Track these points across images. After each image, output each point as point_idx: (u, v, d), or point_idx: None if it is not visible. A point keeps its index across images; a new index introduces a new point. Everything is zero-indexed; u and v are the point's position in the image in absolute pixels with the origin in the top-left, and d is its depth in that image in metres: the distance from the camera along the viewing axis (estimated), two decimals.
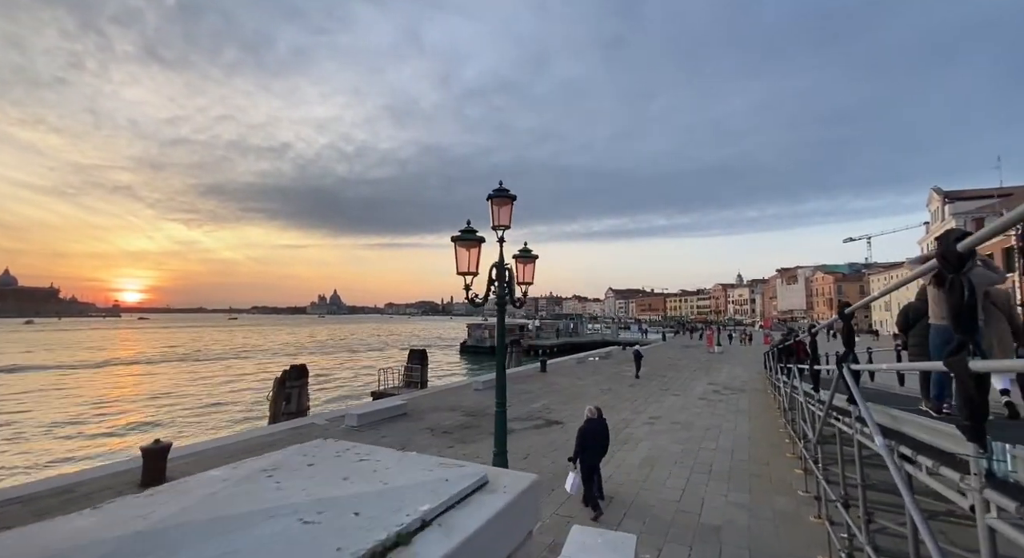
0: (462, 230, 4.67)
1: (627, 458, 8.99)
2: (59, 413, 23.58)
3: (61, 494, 6.89)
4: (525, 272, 5.73)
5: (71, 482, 7.31)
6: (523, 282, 5.71)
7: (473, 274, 4.67)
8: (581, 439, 6.52)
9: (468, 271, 4.64)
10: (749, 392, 16.67)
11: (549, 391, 16.77)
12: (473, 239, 4.65)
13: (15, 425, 20.88)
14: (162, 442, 7.49)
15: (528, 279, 5.72)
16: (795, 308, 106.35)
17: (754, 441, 10.15)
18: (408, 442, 10.11)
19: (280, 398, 13.08)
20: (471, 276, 4.68)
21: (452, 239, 4.63)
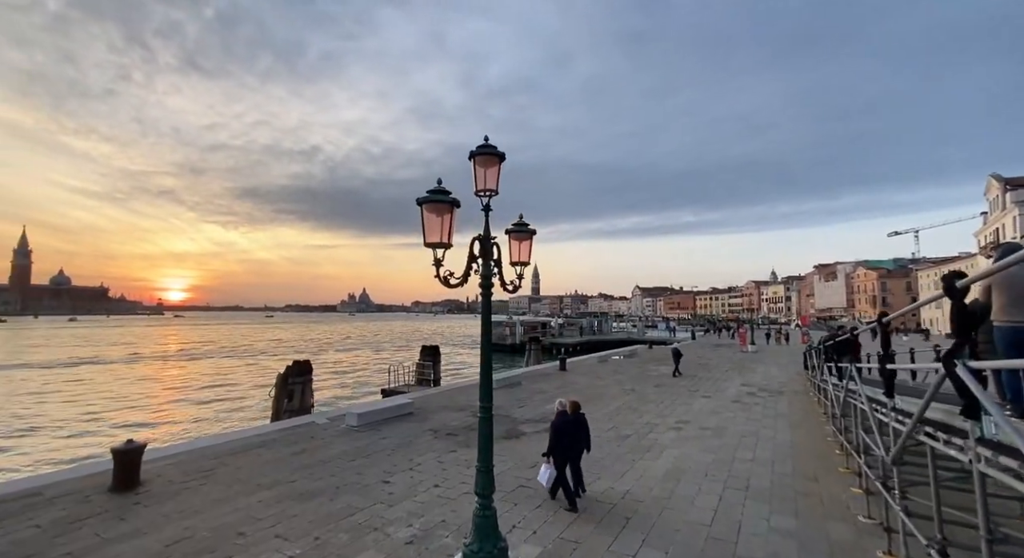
0: (430, 190, 3.72)
1: (649, 468, 7.89)
2: (71, 409, 24.10)
3: (26, 497, 6.38)
4: (520, 250, 4.76)
5: (39, 485, 6.81)
6: (518, 262, 4.73)
7: (445, 246, 3.72)
8: (553, 434, 6.39)
9: (439, 242, 3.70)
10: (788, 394, 15.16)
11: (566, 391, 15.70)
12: (445, 201, 3.68)
13: (25, 420, 21.38)
14: (135, 442, 6.90)
15: (523, 258, 4.74)
16: (834, 306, 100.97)
17: (798, 451, 8.85)
18: (408, 444, 9.32)
19: (282, 395, 12.56)
20: (442, 249, 3.73)
21: (417, 201, 3.68)
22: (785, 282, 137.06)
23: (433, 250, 3.74)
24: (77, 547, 5.10)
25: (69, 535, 5.37)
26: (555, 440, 6.33)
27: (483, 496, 4.05)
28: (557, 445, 6.31)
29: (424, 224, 3.69)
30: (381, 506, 6.29)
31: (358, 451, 8.81)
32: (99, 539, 5.29)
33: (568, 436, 6.37)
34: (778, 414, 12.23)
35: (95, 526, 5.60)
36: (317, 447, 9.03)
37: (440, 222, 3.70)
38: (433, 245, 3.74)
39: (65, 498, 6.39)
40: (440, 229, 3.71)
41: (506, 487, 7.03)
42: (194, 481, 7.12)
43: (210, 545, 5.19)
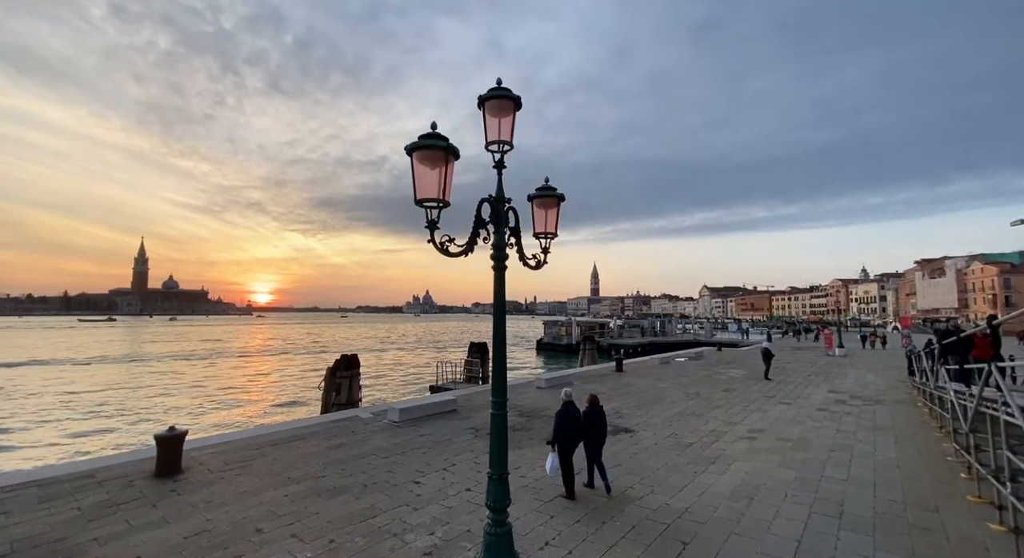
0: (422, 135, 3.04)
1: (714, 484, 6.76)
2: (158, 398, 26.42)
3: (77, 479, 6.64)
4: (546, 219, 4.02)
5: (90, 468, 7.10)
6: (543, 232, 4.00)
7: (441, 204, 3.05)
8: (556, 423, 6.32)
9: (434, 199, 3.03)
10: (889, 404, 12.93)
11: (622, 393, 14.57)
12: (439, 147, 2.97)
13: (113, 406, 23.70)
14: (177, 430, 6.98)
15: (549, 228, 4.00)
16: (942, 306, 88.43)
17: (908, 473, 7.23)
18: (447, 442, 8.85)
19: (331, 389, 12.70)
20: (436, 207, 3.06)
21: (406, 149, 3.02)
22: (880, 280, 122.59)
23: (426, 210, 3.11)
24: (105, 533, 5.09)
25: (103, 519, 5.40)
26: (558, 429, 6.27)
27: (495, 510, 3.37)
28: (561, 433, 6.25)
29: (415, 177, 3.05)
30: (406, 509, 5.81)
31: (395, 448, 8.47)
32: (127, 526, 5.25)
33: (573, 424, 6.33)
34: (877, 426, 10.33)
35: (128, 512, 5.61)
36: (355, 442, 8.82)
37: (435, 175, 3.05)
38: (425, 203, 3.10)
39: (112, 482, 6.57)
40: (435, 183, 3.07)
41: (544, 495, 6.28)
42: (231, 471, 7.10)
43: (226, 540, 4.95)
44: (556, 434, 6.27)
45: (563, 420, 6.29)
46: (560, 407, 6.45)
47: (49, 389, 27.61)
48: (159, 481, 6.60)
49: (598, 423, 6.56)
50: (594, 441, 6.49)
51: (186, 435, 7.11)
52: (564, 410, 6.39)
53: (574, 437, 6.34)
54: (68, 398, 24.89)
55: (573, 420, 6.37)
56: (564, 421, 6.29)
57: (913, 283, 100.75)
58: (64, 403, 23.60)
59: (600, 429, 6.55)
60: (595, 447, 6.51)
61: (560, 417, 6.33)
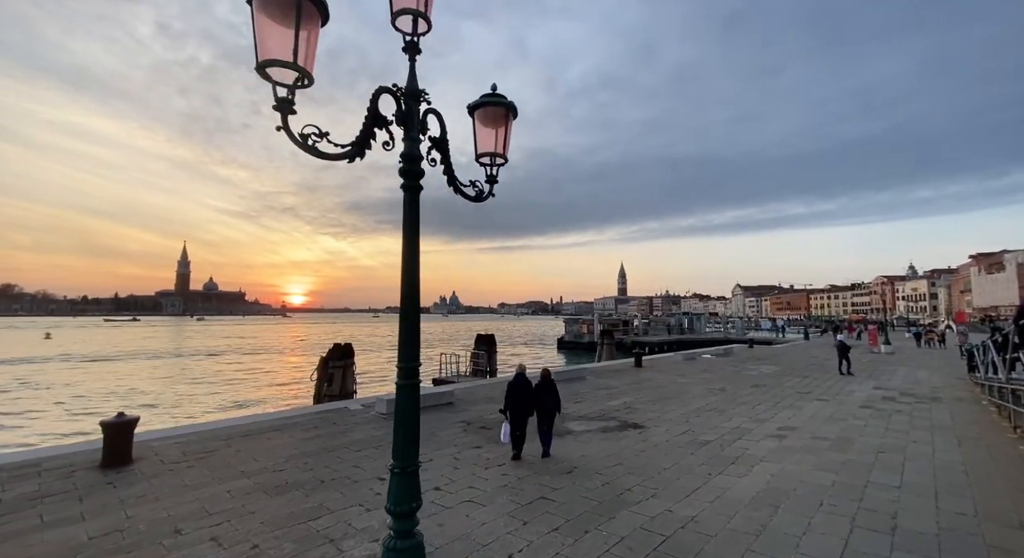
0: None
1: (731, 489, 5.62)
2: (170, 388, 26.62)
3: (19, 469, 6.12)
4: (496, 138, 3.06)
5: (38, 457, 6.60)
6: (490, 155, 3.04)
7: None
8: (507, 392, 6.79)
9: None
10: (948, 402, 11.27)
11: (637, 388, 13.38)
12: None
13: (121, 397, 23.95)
14: (126, 416, 6.39)
15: (498, 149, 3.04)
16: (1001, 303, 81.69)
17: (979, 479, 5.87)
18: (431, 436, 8.00)
19: (323, 379, 12.10)
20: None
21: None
22: (929, 276, 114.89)
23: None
24: (9, 529, 4.46)
25: (18, 514, 4.81)
26: (509, 398, 6.73)
27: (397, 515, 2.45)
28: (511, 403, 6.69)
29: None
30: (357, 510, 4.96)
31: (372, 441, 7.68)
32: (38, 523, 4.63)
33: (522, 394, 6.75)
34: (935, 426, 8.84)
35: (48, 506, 5.00)
36: (332, 434, 8.09)
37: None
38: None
39: (53, 472, 6.02)
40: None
41: (523, 497, 5.31)
42: (185, 463, 6.45)
43: (134, 542, 4.23)
44: (507, 402, 6.74)
45: (513, 389, 6.78)
46: (513, 378, 6.94)
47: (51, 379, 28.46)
48: (102, 472, 6.01)
49: (548, 395, 6.97)
50: (544, 411, 6.91)
51: (137, 422, 6.51)
52: (515, 381, 6.87)
53: (524, 406, 6.76)
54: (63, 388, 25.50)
55: (523, 390, 6.80)
56: (514, 390, 6.76)
57: (968, 279, 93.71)
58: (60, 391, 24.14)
59: (550, 400, 6.95)
60: (545, 417, 6.93)
61: (511, 387, 6.82)
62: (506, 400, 6.74)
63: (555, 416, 7.01)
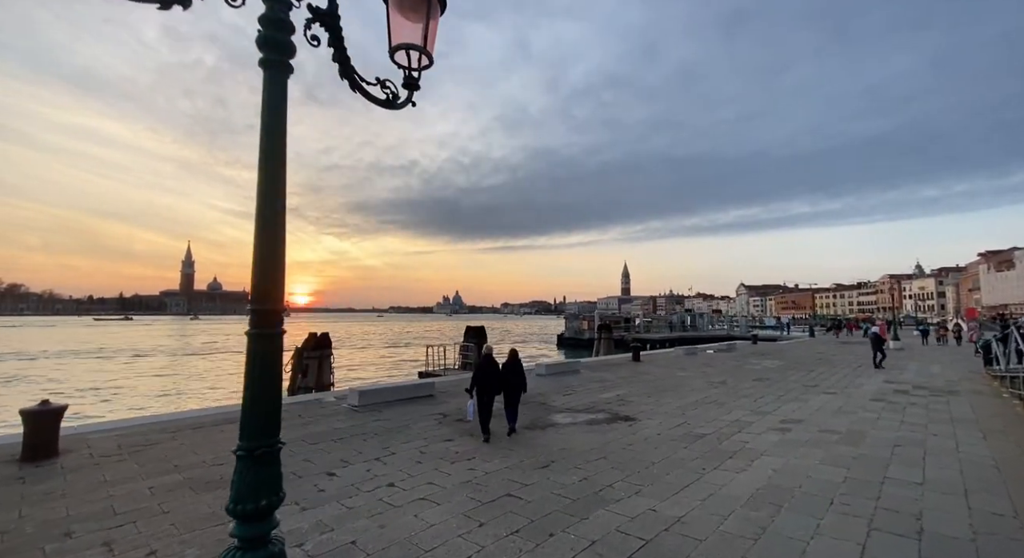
0: None
1: (726, 485, 4.90)
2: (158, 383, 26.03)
3: None
4: (423, 27, 2.32)
5: None
6: (406, 46, 2.30)
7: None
8: (474, 372, 7.06)
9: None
10: (966, 395, 10.47)
11: (633, 381, 12.65)
12: None
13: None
14: (50, 405, 5.73)
15: (418, 42, 2.30)
16: (1012, 301, 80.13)
17: (1014, 476, 5.12)
18: (402, 428, 7.32)
19: (298, 370, 11.44)
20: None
21: None
22: (937, 275, 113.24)
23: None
24: None
25: None
26: (476, 377, 6.94)
27: (240, 516, 1.75)
28: (477, 382, 6.89)
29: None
30: (291, 509, 4.28)
31: (333, 433, 7.00)
32: None
33: (488, 374, 6.91)
34: (956, 418, 8.07)
35: None
36: (293, 426, 7.41)
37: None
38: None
39: None
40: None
41: (486, 494, 4.61)
42: (116, 456, 5.80)
43: (11, 547, 3.57)
44: (473, 382, 6.94)
45: (479, 369, 7.01)
46: (480, 359, 7.22)
47: None
48: (19, 466, 5.36)
49: (514, 374, 7.07)
50: (510, 390, 7.05)
51: (63, 411, 5.85)
52: (482, 361, 7.09)
53: (490, 385, 6.91)
54: None
55: (489, 371, 6.96)
56: (480, 370, 6.99)
57: (977, 277, 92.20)
58: None
59: (515, 379, 7.05)
60: (511, 395, 7.07)
61: (477, 367, 7.13)
62: (472, 379, 7.00)
63: (520, 394, 7.15)
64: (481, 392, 6.82)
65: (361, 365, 33.89)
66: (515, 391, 7.03)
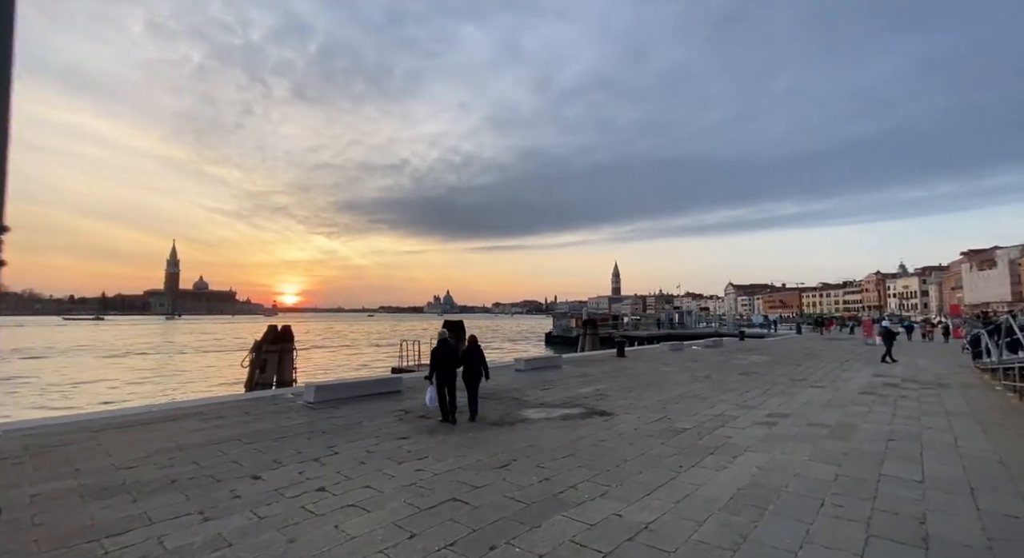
0: None
1: (704, 485, 4.32)
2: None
3: None
4: None
5: None
6: None
7: None
8: (432, 358, 6.88)
9: None
10: (957, 388, 10.08)
11: (615, 376, 12.10)
12: None
13: None
14: None
15: None
16: (993, 300, 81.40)
17: (1022, 473, 4.62)
18: (355, 426, 6.66)
19: (255, 365, 10.70)
20: None
21: None
22: (920, 274, 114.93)
23: None
24: None
25: None
26: (433, 362, 6.80)
27: None
28: (435, 367, 6.75)
29: None
30: (191, 519, 3.61)
31: (277, 431, 6.32)
32: None
33: (446, 358, 6.80)
34: (949, 411, 7.62)
35: None
36: (233, 425, 6.72)
37: None
38: None
39: None
40: None
41: (429, 499, 3.98)
42: (14, 459, 5.06)
43: None
44: (432, 368, 6.80)
45: (436, 355, 6.85)
46: (437, 345, 7.00)
47: None
48: None
49: (474, 359, 7.12)
50: (471, 376, 7.05)
51: None
52: (438, 347, 6.94)
53: (448, 371, 6.80)
54: None
55: (446, 357, 6.83)
56: (437, 356, 6.83)
57: (959, 276, 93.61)
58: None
59: (476, 364, 7.09)
60: (472, 380, 7.07)
61: (434, 353, 6.92)
62: (430, 366, 6.83)
63: (480, 381, 7.14)
64: (440, 378, 6.75)
65: (337, 363, 33.00)
66: (476, 377, 7.06)
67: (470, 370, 7.09)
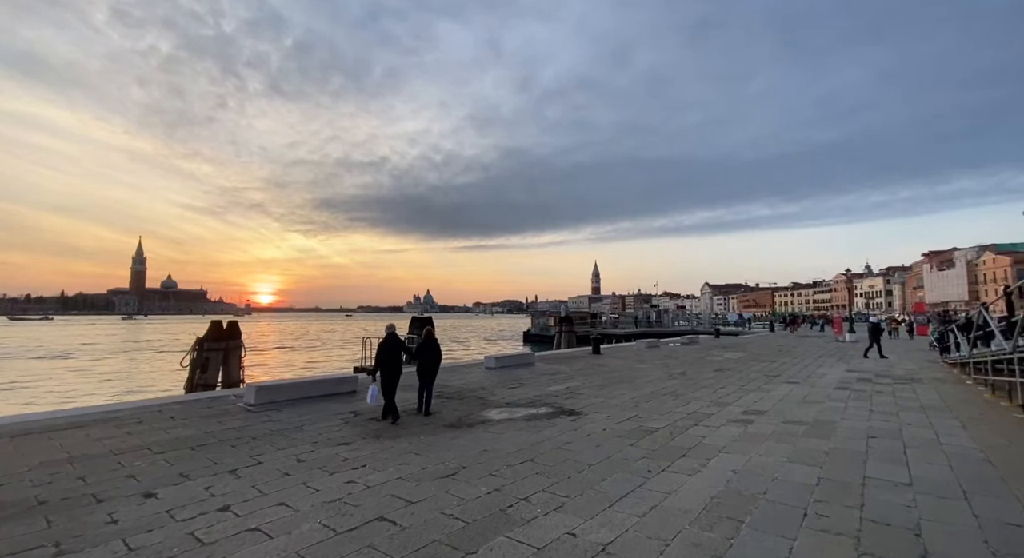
0: None
1: (674, 493, 3.81)
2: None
3: None
4: None
5: None
6: None
7: None
8: (377, 354, 6.53)
9: None
10: (929, 383, 9.95)
11: (588, 373, 11.62)
12: None
13: None
14: None
15: None
16: (951, 298, 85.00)
17: (1014, 472, 4.26)
18: (294, 430, 5.93)
19: (196, 365, 9.78)
20: None
21: None
22: (885, 274, 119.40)
23: None
24: None
25: None
26: (379, 358, 6.42)
27: None
28: (380, 363, 6.37)
29: None
30: (39, 553, 2.89)
31: (197, 439, 5.54)
32: None
33: (390, 353, 6.42)
34: (925, 406, 7.37)
35: None
36: (153, 430, 5.90)
37: None
38: None
39: None
40: None
41: (351, 519, 3.34)
42: None
43: None
44: (377, 364, 6.46)
45: (381, 350, 6.46)
46: (384, 339, 6.56)
47: None
48: None
49: (430, 352, 6.83)
50: (424, 369, 6.77)
51: None
52: (386, 341, 6.51)
53: (394, 367, 6.41)
54: None
55: (392, 351, 6.47)
56: (382, 351, 6.43)
57: (921, 276, 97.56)
58: None
59: (430, 358, 6.81)
60: (426, 374, 6.79)
61: (380, 347, 6.52)
62: (375, 362, 6.51)
63: (435, 375, 6.91)
64: (385, 375, 6.40)
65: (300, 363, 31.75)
66: (430, 372, 6.82)
67: (424, 364, 6.83)
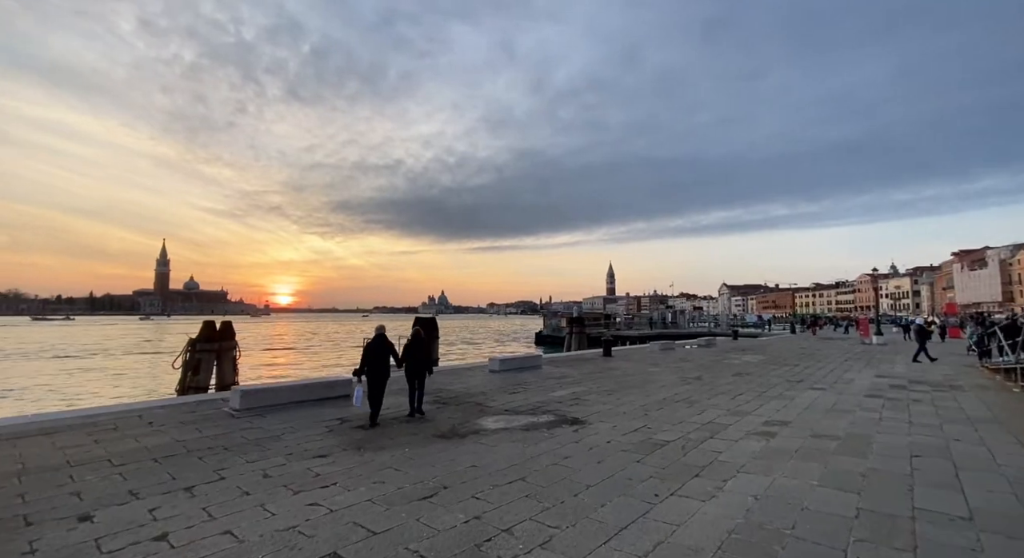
0: None
1: (685, 524, 3.22)
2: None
3: None
4: None
5: None
6: None
7: None
8: (363, 354, 6.36)
9: None
10: (971, 390, 9.08)
11: (596, 377, 11.00)
12: None
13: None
14: None
15: None
16: (984, 299, 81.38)
17: None
18: (274, 439, 5.51)
19: (188, 367, 9.48)
20: None
21: None
22: (912, 274, 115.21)
23: None
24: None
25: None
26: (364, 359, 6.29)
27: None
28: (365, 363, 6.27)
29: None
30: None
31: (160, 449, 5.14)
32: None
33: (376, 354, 6.31)
34: (972, 418, 6.59)
35: None
36: (124, 438, 5.54)
37: None
38: None
39: None
40: None
41: (299, 555, 2.85)
42: None
43: None
44: (362, 364, 6.30)
45: (368, 351, 6.32)
46: (371, 339, 6.41)
47: None
48: None
49: (418, 352, 6.71)
50: (412, 370, 6.65)
51: None
52: (373, 342, 6.38)
53: (381, 368, 6.30)
54: None
55: (378, 352, 6.33)
56: (368, 352, 6.30)
57: (951, 276, 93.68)
58: None
59: (419, 358, 6.69)
60: (414, 374, 6.67)
61: (366, 348, 6.37)
62: (361, 363, 6.35)
63: (425, 376, 6.79)
64: (372, 377, 6.25)
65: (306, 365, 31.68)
66: (418, 373, 6.69)
67: (412, 365, 6.67)
